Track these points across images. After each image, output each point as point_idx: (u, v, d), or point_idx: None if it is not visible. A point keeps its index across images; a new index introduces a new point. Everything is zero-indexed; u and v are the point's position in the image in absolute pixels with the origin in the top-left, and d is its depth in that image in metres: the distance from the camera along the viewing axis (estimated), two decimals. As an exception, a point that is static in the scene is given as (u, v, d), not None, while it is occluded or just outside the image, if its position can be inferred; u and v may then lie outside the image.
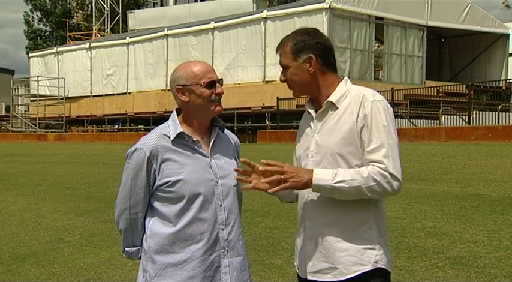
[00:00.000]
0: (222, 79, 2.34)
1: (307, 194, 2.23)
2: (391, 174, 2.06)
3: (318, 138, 2.22)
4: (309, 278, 2.23)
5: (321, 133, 2.22)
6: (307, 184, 2.09)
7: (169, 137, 2.26)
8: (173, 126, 2.28)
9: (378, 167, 2.06)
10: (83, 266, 5.31)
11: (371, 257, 2.13)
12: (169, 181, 2.22)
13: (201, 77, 2.25)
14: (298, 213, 2.32)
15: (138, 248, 2.35)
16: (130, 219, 2.30)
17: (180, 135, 2.26)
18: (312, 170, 2.10)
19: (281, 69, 2.29)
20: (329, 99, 2.21)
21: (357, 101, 2.16)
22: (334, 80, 2.25)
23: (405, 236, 5.47)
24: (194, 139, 2.28)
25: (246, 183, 2.25)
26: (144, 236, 2.30)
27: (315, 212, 2.21)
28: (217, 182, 2.28)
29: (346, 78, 2.28)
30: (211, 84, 2.26)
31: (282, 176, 2.09)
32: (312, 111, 2.29)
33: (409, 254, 4.95)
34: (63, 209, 8.12)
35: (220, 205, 2.27)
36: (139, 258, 2.35)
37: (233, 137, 2.48)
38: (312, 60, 2.20)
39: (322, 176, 2.08)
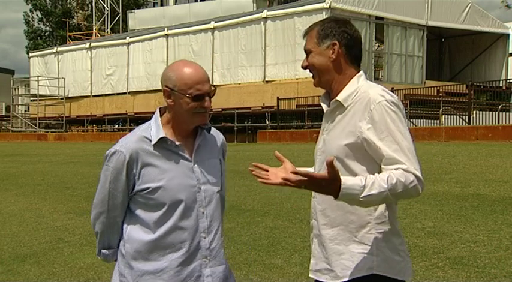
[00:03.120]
0: (214, 89, 2.17)
1: (316, 193, 2.16)
2: (417, 177, 1.96)
3: (325, 136, 2.16)
4: (310, 275, 2.22)
5: (328, 132, 2.16)
6: (331, 194, 1.91)
7: (150, 140, 2.13)
8: (155, 129, 2.15)
9: (403, 170, 1.94)
10: (83, 266, 5.31)
11: (366, 263, 2.05)
12: (149, 187, 2.11)
13: (190, 86, 2.09)
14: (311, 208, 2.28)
15: (114, 250, 2.25)
16: (107, 223, 2.21)
17: (162, 140, 2.14)
18: (339, 182, 1.88)
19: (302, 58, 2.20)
20: (337, 97, 2.11)
21: (363, 102, 2.05)
22: (351, 73, 2.13)
23: (405, 236, 5.42)
24: (177, 143, 2.16)
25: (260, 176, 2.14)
26: (122, 240, 2.20)
27: (319, 212, 2.18)
28: (200, 188, 2.18)
29: (360, 74, 2.14)
30: (199, 97, 2.09)
31: (303, 187, 1.90)
32: (324, 107, 2.20)
33: (409, 254, 4.95)
34: (63, 209, 8.12)
35: (203, 212, 2.18)
36: (115, 260, 2.26)
37: (219, 137, 2.35)
38: (335, 46, 2.10)
39: (349, 190, 1.88)
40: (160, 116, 2.22)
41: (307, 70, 2.21)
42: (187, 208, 2.14)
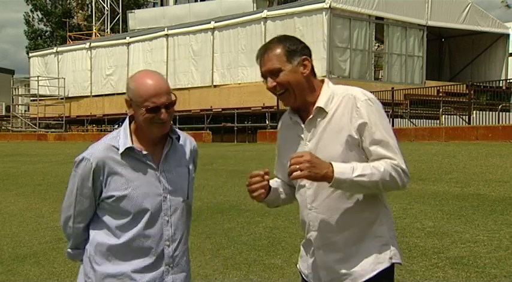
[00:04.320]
0: (174, 101, 2.16)
1: (309, 204, 2.18)
2: (402, 170, 2.06)
3: (311, 145, 2.15)
4: None
5: (313, 141, 2.16)
6: (326, 177, 1.99)
7: (118, 149, 2.16)
8: (123, 138, 2.18)
9: (391, 162, 2.05)
10: (83, 266, 5.31)
11: (386, 254, 2.14)
12: (114, 196, 2.15)
13: (145, 99, 2.10)
14: (302, 222, 2.27)
15: (80, 250, 2.32)
16: (73, 227, 2.28)
17: (129, 149, 2.16)
18: (331, 163, 2.01)
19: (262, 79, 2.21)
20: (317, 104, 2.14)
21: (348, 103, 2.11)
22: (318, 84, 2.20)
23: (405, 236, 5.46)
24: (144, 153, 2.18)
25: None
26: (89, 241, 2.26)
27: (322, 221, 2.16)
28: (166, 197, 2.20)
29: (326, 80, 2.23)
30: (154, 110, 2.10)
31: (298, 166, 1.96)
32: (299, 120, 2.21)
33: (409, 254, 4.95)
34: (63, 209, 8.12)
35: (167, 221, 2.21)
36: (81, 260, 2.32)
37: (190, 144, 2.35)
38: (306, 61, 2.14)
39: (343, 169, 2.01)
40: (130, 123, 2.23)
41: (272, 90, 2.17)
42: (152, 217, 2.18)
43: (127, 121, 2.22)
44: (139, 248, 2.17)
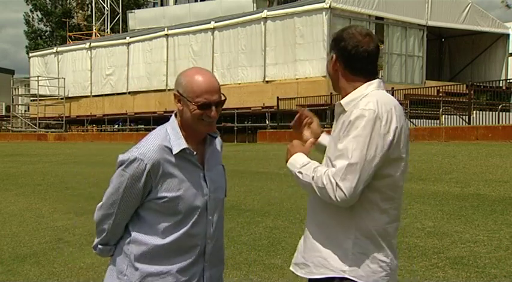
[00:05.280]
0: (224, 100, 2.18)
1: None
2: (337, 183, 1.98)
3: (334, 136, 2.22)
4: (290, 268, 2.30)
5: (332, 134, 2.25)
6: (287, 157, 2.23)
7: (170, 150, 2.14)
8: (175, 138, 2.16)
9: (331, 172, 2.01)
10: (83, 266, 5.31)
11: (340, 265, 2.11)
12: (167, 197, 2.14)
13: (198, 95, 2.10)
14: None
15: (111, 247, 2.28)
16: (112, 225, 2.22)
17: (182, 150, 2.16)
18: (298, 152, 2.21)
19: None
20: (340, 101, 2.20)
21: (353, 108, 2.11)
22: (358, 84, 2.18)
23: (405, 236, 5.46)
24: (194, 153, 2.19)
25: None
26: (127, 239, 2.22)
27: (310, 209, 2.27)
28: (210, 197, 2.23)
29: (371, 82, 2.18)
30: (205, 106, 2.11)
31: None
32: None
33: (409, 254, 4.95)
34: (63, 209, 8.12)
35: (210, 219, 2.24)
36: (111, 255, 2.29)
37: (218, 141, 2.39)
38: (333, 59, 2.24)
39: (295, 161, 2.18)
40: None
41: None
42: (200, 216, 2.20)
43: (175, 120, 2.21)
44: (184, 247, 2.18)
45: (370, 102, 2.07)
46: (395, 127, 2.06)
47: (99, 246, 2.30)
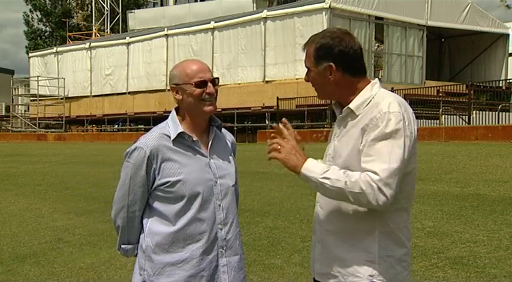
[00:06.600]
0: (217, 78, 2.33)
1: (320, 197, 2.21)
2: (379, 188, 1.96)
3: (336, 143, 2.17)
4: (316, 278, 2.26)
5: (338, 139, 2.17)
6: (295, 169, 2.07)
7: (169, 137, 2.27)
8: (173, 126, 2.29)
9: (370, 176, 1.97)
10: (83, 266, 5.31)
11: (368, 271, 2.09)
12: (169, 181, 2.23)
13: (192, 76, 2.26)
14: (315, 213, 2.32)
15: (134, 245, 2.37)
16: (127, 218, 2.32)
17: (180, 135, 2.27)
18: (306, 159, 2.08)
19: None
20: (349, 105, 2.13)
21: (371, 111, 2.06)
22: (360, 85, 2.15)
23: (405, 236, 5.46)
24: (194, 139, 2.30)
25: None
26: (142, 234, 2.32)
27: (324, 217, 2.20)
28: (216, 182, 2.30)
29: (375, 81, 2.18)
30: (202, 84, 2.26)
31: (279, 147, 2.10)
32: (337, 113, 2.23)
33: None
34: (63, 209, 8.12)
35: (219, 205, 2.30)
36: (135, 255, 2.37)
37: (230, 137, 2.51)
38: (332, 69, 2.12)
39: (313, 167, 2.05)
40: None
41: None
42: (205, 201, 2.27)
43: (174, 112, 2.34)
44: (195, 233, 2.25)
45: (391, 103, 2.06)
46: (414, 126, 2.09)
47: (122, 245, 2.41)
